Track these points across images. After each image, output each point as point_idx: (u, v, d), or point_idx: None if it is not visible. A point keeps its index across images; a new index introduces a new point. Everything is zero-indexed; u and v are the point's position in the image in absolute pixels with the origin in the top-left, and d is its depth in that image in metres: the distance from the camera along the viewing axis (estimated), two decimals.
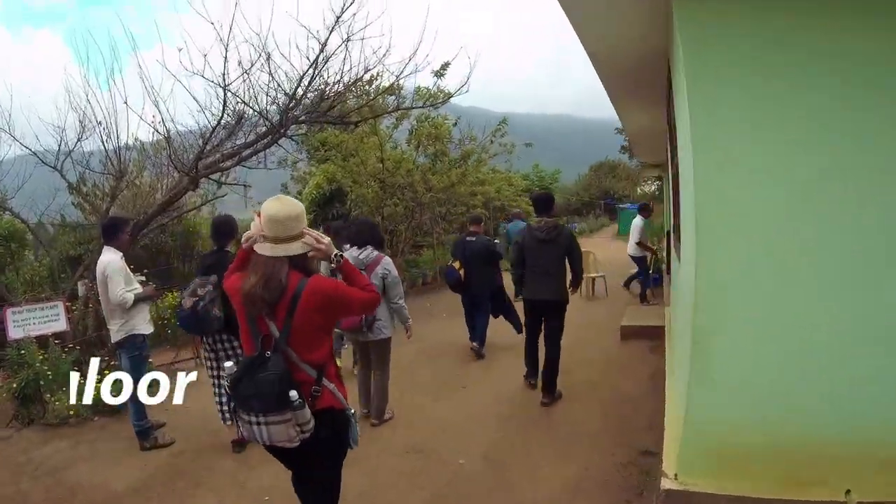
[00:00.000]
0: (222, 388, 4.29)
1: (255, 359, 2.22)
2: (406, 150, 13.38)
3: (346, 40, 6.45)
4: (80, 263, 7.46)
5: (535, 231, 5.18)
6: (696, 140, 2.69)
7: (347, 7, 6.23)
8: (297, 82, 6.61)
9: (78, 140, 6.96)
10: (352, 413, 2.46)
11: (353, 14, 6.29)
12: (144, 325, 4.61)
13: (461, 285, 6.90)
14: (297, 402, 2.15)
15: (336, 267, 2.43)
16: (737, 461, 2.74)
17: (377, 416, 4.82)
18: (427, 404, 5.36)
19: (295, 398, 2.14)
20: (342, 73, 6.78)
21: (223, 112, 6.40)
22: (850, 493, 2.55)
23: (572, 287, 5.34)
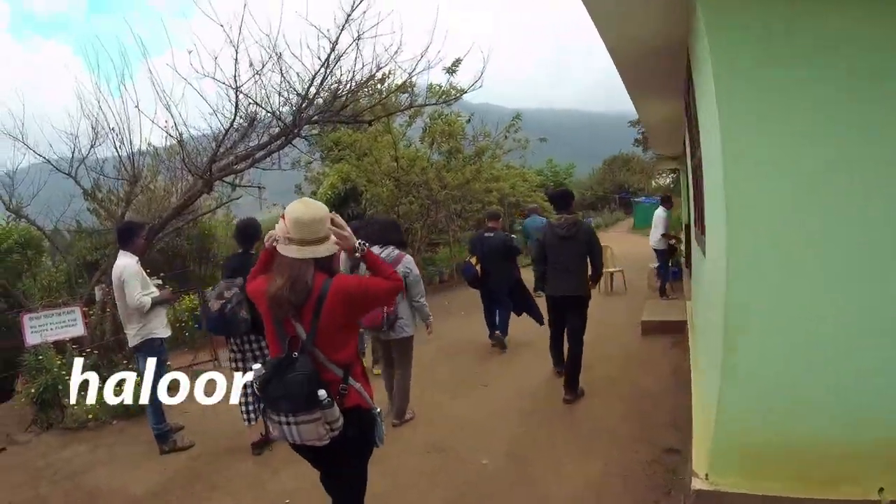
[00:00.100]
0: (248, 389, 4.29)
1: (283, 360, 2.22)
2: (420, 147, 13.33)
3: (356, 38, 6.41)
4: (96, 268, 7.52)
5: (555, 228, 5.18)
6: (726, 135, 2.64)
7: (357, 5, 6.19)
8: (310, 82, 6.58)
9: (91, 147, 7.07)
10: (377, 412, 2.46)
11: (364, 12, 6.25)
12: (162, 328, 4.59)
13: (478, 280, 6.85)
14: (327, 401, 2.15)
15: (360, 256, 2.44)
16: (769, 461, 2.68)
17: (398, 416, 4.75)
18: (446, 402, 5.29)
19: (324, 397, 2.14)
20: (354, 71, 6.75)
21: (235, 114, 6.40)
22: (882, 490, 2.50)
23: (592, 282, 5.28)
